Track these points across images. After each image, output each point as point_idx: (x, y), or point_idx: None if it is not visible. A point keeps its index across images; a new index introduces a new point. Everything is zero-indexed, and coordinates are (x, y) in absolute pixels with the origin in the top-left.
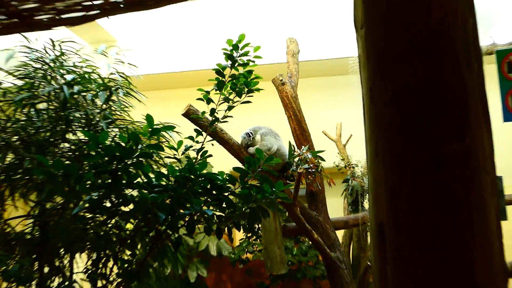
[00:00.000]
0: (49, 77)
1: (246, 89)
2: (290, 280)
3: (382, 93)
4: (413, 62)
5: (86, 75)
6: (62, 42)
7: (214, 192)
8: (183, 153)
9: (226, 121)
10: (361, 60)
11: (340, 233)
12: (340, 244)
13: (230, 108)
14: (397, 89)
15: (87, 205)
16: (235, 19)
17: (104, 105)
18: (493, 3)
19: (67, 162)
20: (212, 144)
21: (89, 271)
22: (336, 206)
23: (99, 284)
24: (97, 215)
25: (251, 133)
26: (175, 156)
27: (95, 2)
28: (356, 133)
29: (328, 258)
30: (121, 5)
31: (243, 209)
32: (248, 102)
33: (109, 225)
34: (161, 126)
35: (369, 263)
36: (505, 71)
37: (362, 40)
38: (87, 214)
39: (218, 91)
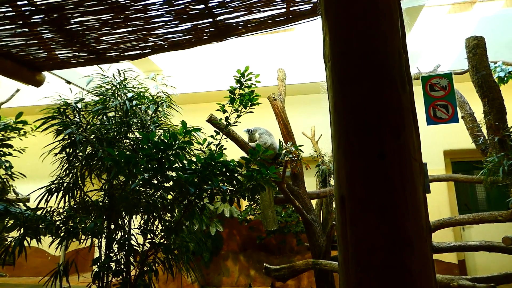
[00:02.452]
0: (116, 95)
1: (249, 103)
2: (280, 233)
3: (343, 106)
4: (364, 85)
5: (141, 94)
6: (125, 71)
7: (227, 173)
8: (206, 147)
9: (236, 125)
10: (328, 83)
11: (314, 202)
12: (314, 209)
13: (238, 116)
14: (353, 103)
15: (141, 182)
16: (243, 55)
17: (153, 114)
18: (418, 45)
19: (128, 152)
20: (226, 141)
21: (142, 228)
22: (311, 183)
23: (148, 236)
24: (148, 189)
25: (251, 129)
26: (201, 149)
27: (147, 44)
28: (324, 133)
29: (305, 219)
30: (165, 46)
31: (247, 185)
32: (251, 112)
33: (156, 196)
34: (192, 128)
35: (334, 223)
36: (428, 90)
37: (329, 70)
38: (141, 188)
39: (230, 105)
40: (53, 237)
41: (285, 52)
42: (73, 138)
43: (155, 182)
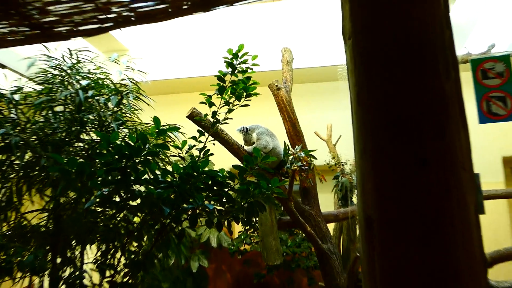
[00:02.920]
0: (66, 83)
1: (245, 94)
2: (285, 269)
3: (369, 97)
4: (397, 70)
5: (100, 81)
6: (79, 51)
7: (215, 188)
8: (187, 152)
9: (227, 123)
10: (349, 68)
11: (331, 226)
12: (331, 236)
13: (230, 111)
14: (383, 94)
15: (98, 199)
16: (235, 30)
17: (116, 108)
18: (467, 17)
19: (81, 160)
20: (214, 144)
21: (99, 262)
22: (327, 200)
23: (107, 274)
24: (107, 209)
25: (247, 128)
26: (180, 154)
27: (109, 16)
28: (345, 133)
29: (320, 249)
30: (133, 18)
31: (242, 203)
32: (247, 105)
33: (118, 219)
34: (167, 127)
35: (358, 254)
36: (479, 78)
37: (350, 50)
38: (98, 208)
39: (219, 96)
40: None
41: (291, 26)
42: (7, 141)
43: (117, 199)
